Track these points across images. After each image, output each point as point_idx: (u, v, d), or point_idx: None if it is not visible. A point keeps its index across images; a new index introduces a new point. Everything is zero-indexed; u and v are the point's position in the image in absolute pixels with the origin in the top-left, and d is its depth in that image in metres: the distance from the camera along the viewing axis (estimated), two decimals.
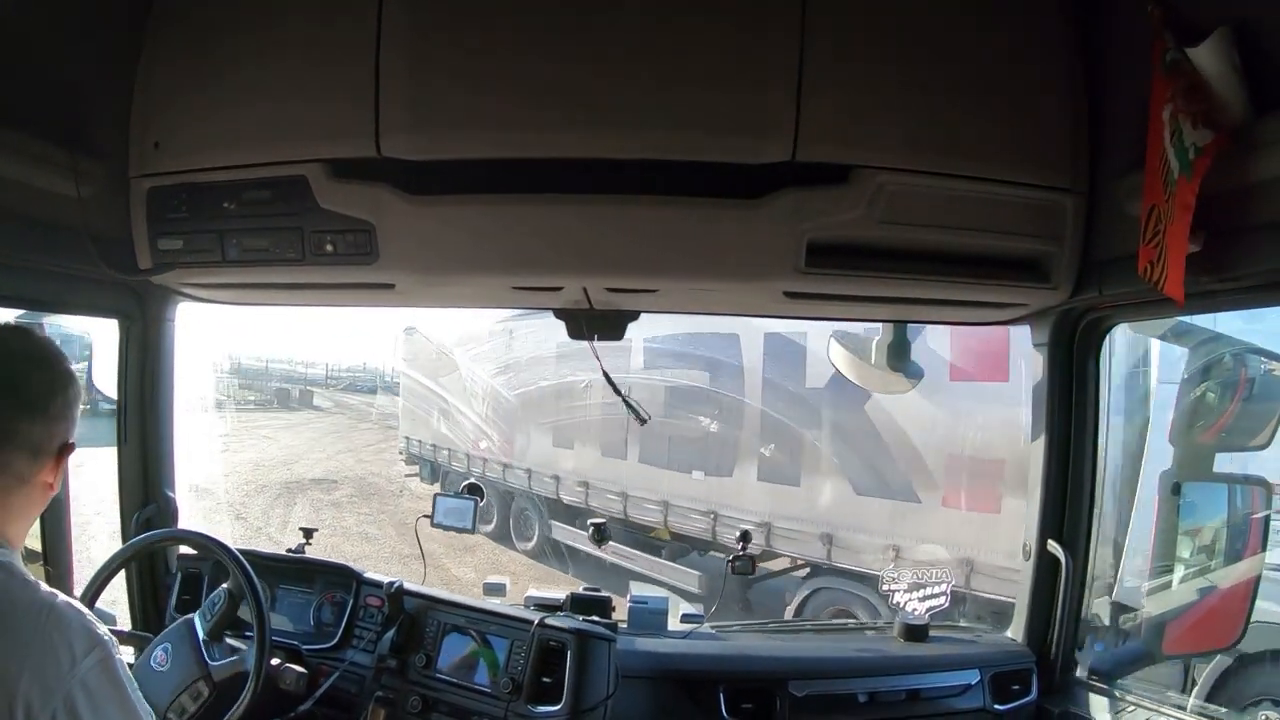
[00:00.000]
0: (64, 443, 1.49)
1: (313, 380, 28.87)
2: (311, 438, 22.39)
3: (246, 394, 24.09)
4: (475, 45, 2.00)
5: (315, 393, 27.29)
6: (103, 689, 1.35)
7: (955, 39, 2.06)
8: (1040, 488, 2.62)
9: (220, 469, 16.53)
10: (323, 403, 26.44)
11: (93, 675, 1.34)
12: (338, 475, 17.05)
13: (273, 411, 25.13)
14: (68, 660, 1.32)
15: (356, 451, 19.81)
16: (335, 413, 24.91)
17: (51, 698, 1.29)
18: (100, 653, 1.36)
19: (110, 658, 1.38)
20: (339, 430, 22.60)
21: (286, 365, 29.44)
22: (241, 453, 19.11)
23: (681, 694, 2.54)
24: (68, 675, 1.31)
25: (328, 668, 2.57)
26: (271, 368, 27.52)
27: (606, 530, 3.16)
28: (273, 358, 28.87)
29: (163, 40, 2.19)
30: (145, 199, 2.24)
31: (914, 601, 2.82)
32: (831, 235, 2.09)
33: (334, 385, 27.12)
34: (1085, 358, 2.53)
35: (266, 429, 22.61)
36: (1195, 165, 1.63)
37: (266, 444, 20.54)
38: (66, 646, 1.33)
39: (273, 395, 26.55)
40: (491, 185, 2.08)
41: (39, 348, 1.52)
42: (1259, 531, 2.75)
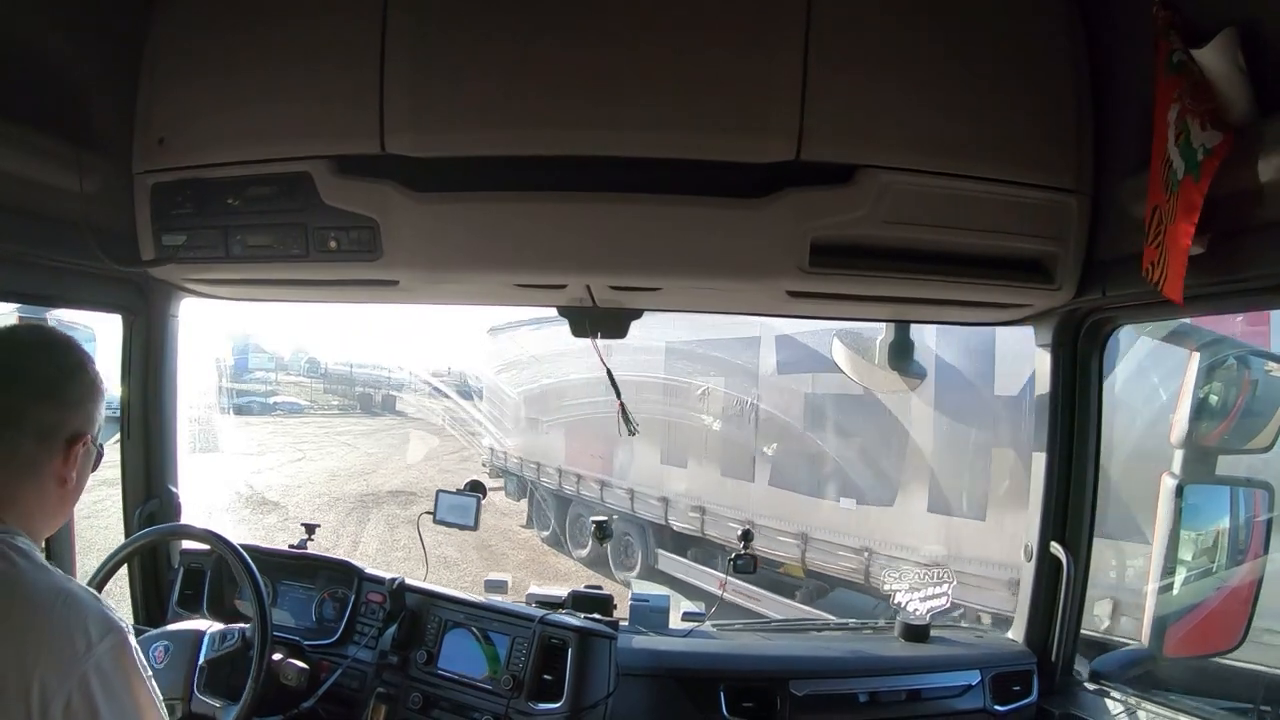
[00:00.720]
0: (75, 432, 1.49)
1: (396, 384, 28.09)
2: (392, 444, 21.79)
3: (330, 398, 23.88)
4: (480, 43, 2.00)
5: (398, 397, 26.60)
6: (117, 674, 1.36)
7: (960, 39, 2.06)
8: (1042, 489, 2.63)
9: (293, 479, 16.88)
10: (406, 407, 25.61)
11: (107, 660, 1.35)
12: (417, 487, 16.07)
13: (355, 416, 25.03)
14: (83, 645, 1.33)
15: (438, 460, 19.08)
16: (418, 418, 24.06)
17: (66, 681, 1.30)
18: (114, 638, 1.37)
19: (125, 644, 1.38)
20: (422, 436, 21.88)
21: (371, 369, 29.08)
22: (318, 460, 19.03)
23: (682, 692, 2.54)
24: (82, 659, 1.32)
25: (329, 664, 2.58)
26: (356, 372, 27.07)
27: (609, 527, 3.16)
28: (357, 362, 28.44)
29: (167, 36, 2.20)
30: (149, 194, 2.24)
31: (915, 601, 2.82)
32: (835, 235, 2.09)
33: (418, 390, 26.14)
34: (1089, 359, 2.52)
35: (348, 434, 22.28)
36: (1204, 166, 1.62)
37: (345, 451, 20.19)
38: (82, 632, 1.34)
39: (356, 400, 26.10)
40: (496, 183, 2.08)
41: (51, 338, 1.53)
42: (1261, 535, 2.74)
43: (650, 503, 10.52)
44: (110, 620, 1.38)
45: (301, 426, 23.84)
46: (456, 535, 9.17)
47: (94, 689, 1.32)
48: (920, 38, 2.04)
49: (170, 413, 2.81)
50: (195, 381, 22.77)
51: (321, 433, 22.64)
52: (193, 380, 22.61)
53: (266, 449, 20.78)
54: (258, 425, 23.24)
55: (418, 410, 24.84)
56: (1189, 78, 1.66)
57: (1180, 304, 1.72)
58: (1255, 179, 1.63)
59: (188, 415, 2.80)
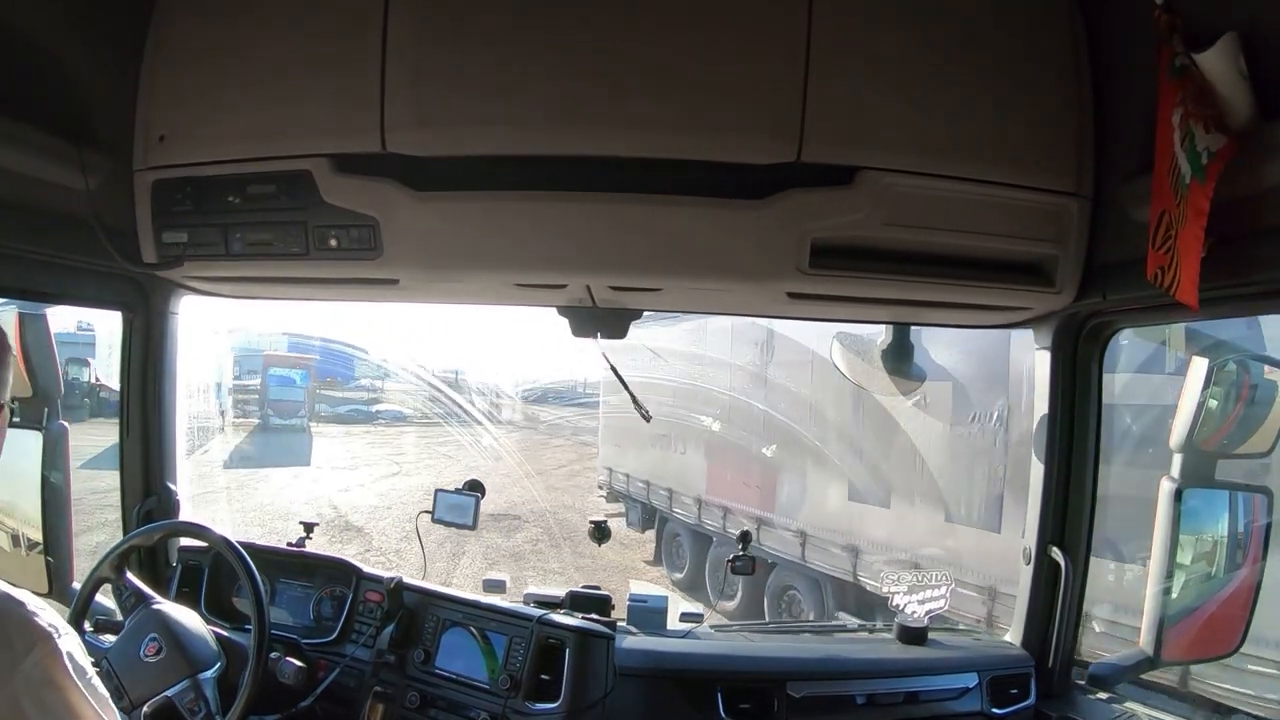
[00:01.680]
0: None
1: (503, 391, 25.76)
2: (496, 456, 19.67)
3: (434, 405, 22.12)
4: (481, 42, 2.00)
5: (504, 405, 24.49)
6: (47, 689, 1.25)
7: (961, 42, 2.06)
8: (1041, 492, 2.62)
9: (384, 498, 15.51)
10: (512, 415, 23.51)
11: (36, 674, 1.24)
12: (522, 509, 14.47)
13: (458, 425, 22.31)
14: (7, 660, 1.22)
15: (547, 475, 17.55)
16: (525, 427, 22.32)
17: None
18: (42, 648, 1.25)
19: (56, 653, 1.27)
20: (528, 447, 20.12)
21: (473, 375, 26.71)
22: (415, 475, 17.94)
23: (679, 693, 2.53)
24: (7, 676, 1.22)
25: (327, 662, 2.58)
26: (461, 379, 24.93)
27: (607, 528, 3.15)
28: (462, 369, 26.30)
29: (168, 33, 2.20)
30: (150, 192, 2.24)
31: (913, 604, 2.81)
32: (836, 236, 2.09)
33: (525, 397, 24.61)
34: (1088, 362, 2.52)
35: (449, 444, 20.59)
36: (1208, 170, 1.62)
37: (446, 464, 18.85)
38: (6, 646, 1.23)
39: (455, 409, 23.50)
40: (496, 182, 2.08)
41: None
42: (1260, 539, 2.74)
43: (832, 552, 8.27)
44: (36, 628, 1.26)
45: (402, 436, 23.02)
46: (566, 569, 9.08)
47: (25, 709, 1.21)
48: (922, 40, 2.04)
49: (169, 410, 2.81)
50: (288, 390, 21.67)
51: (422, 442, 21.32)
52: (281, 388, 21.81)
53: (361, 461, 19.99)
54: (358, 435, 22.77)
55: (525, 419, 23.29)
56: (1192, 82, 1.67)
57: (1195, 309, 1.72)
58: (1257, 184, 1.64)
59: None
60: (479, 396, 23.11)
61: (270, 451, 19.23)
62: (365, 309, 11.16)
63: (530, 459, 18.46)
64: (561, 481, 16.81)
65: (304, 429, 22.11)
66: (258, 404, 22.71)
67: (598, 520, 3.12)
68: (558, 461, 18.35)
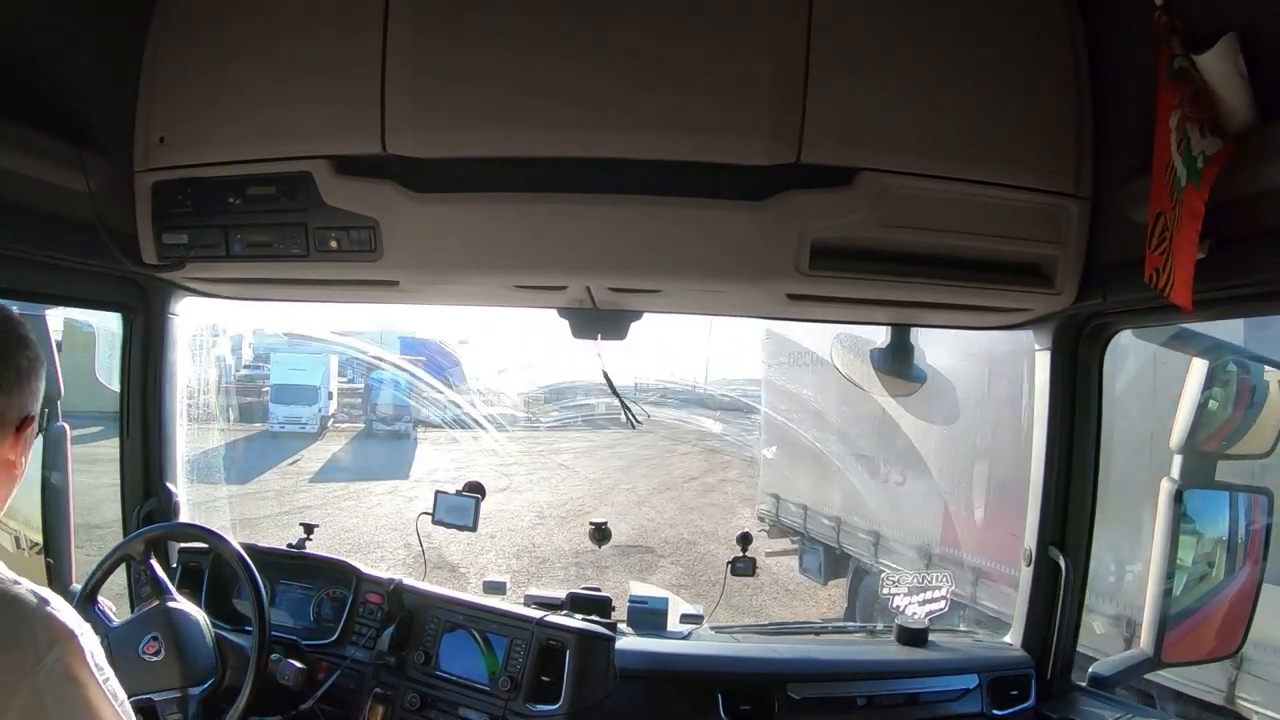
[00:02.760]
0: (23, 416, 1.39)
1: (622, 392, 24.50)
2: (619, 467, 18.49)
3: (548, 408, 21.24)
4: (482, 43, 2.00)
5: (619, 407, 23.28)
6: (69, 686, 1.26)
7: (960, 43, 2.06)
8: (1041, 493, 2.63)
9: (488, 521, 10.98)
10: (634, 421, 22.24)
11: (59, 670, 1.25)
12: (654, 539, 12.42)
13: (575, 430, 21.74)
14: (31, 657, 1.23)
15: (677, 489, 15.84)
16: (646, 431, 20.02)
17: (14, 697, 1.21)
18: (65, 646, 1.27)
19: (79, 651, 1.28)
20: (652, 455, 18.24)
21: (592, 378, 25.42)
22: (526, 491, 16.16)
23: (679, 695, 2.54)
24: (31, 672, 1.22)
25: (327, 664, 2.57)
26: (577, 382, 23.49)
27: (606, 529, 3.14)
28: (570, 368, 24.06)
29: (168, 34, 2.20)
30: (150, 193, 2.24)
31: (914, 605, 2.81)
32: (835, 237, 2.09)
33: (640, 398, 21.16)
34: (1088, 363, 2.53)
35: (566, 452, 19.46)
36: (1204, 173, 1.63)
37: (561, 477, 17.31)
38: (30, 641, 1.24)
39: (576, 412, 22.92)
40: (496, 184, 2.09)
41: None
42: (1260, 540, 2.75)
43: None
44: (59, 626, 1.27)
45: (512, 443, 20.84)
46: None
47: (46, 704, 1.22)
48: (921, 42, 2.05)
49: (169, 411, 2.81)
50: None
51: (535, 450, 19.65)
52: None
53: (467, 472, 16.61)
54: (465, 441, 20.74)
55: (646, 422, 20.28)
56: (1189, 84, 1.67)
57: (1189, 310, 1.72)
58: (1256, 185, 1.64)
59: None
60: (590, 398, 21.74)
61: (368, 461, 18.41)
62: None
63: (655, 470, 17.12)
64: (695, 499, 14.80)
65: (408, 435, 21.15)
66: (363, 408, 22.04)
67: (598, 521, 3.11)
68: (686, 472, 16.49)
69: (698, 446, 17.58)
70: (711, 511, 13.59)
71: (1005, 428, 6.95)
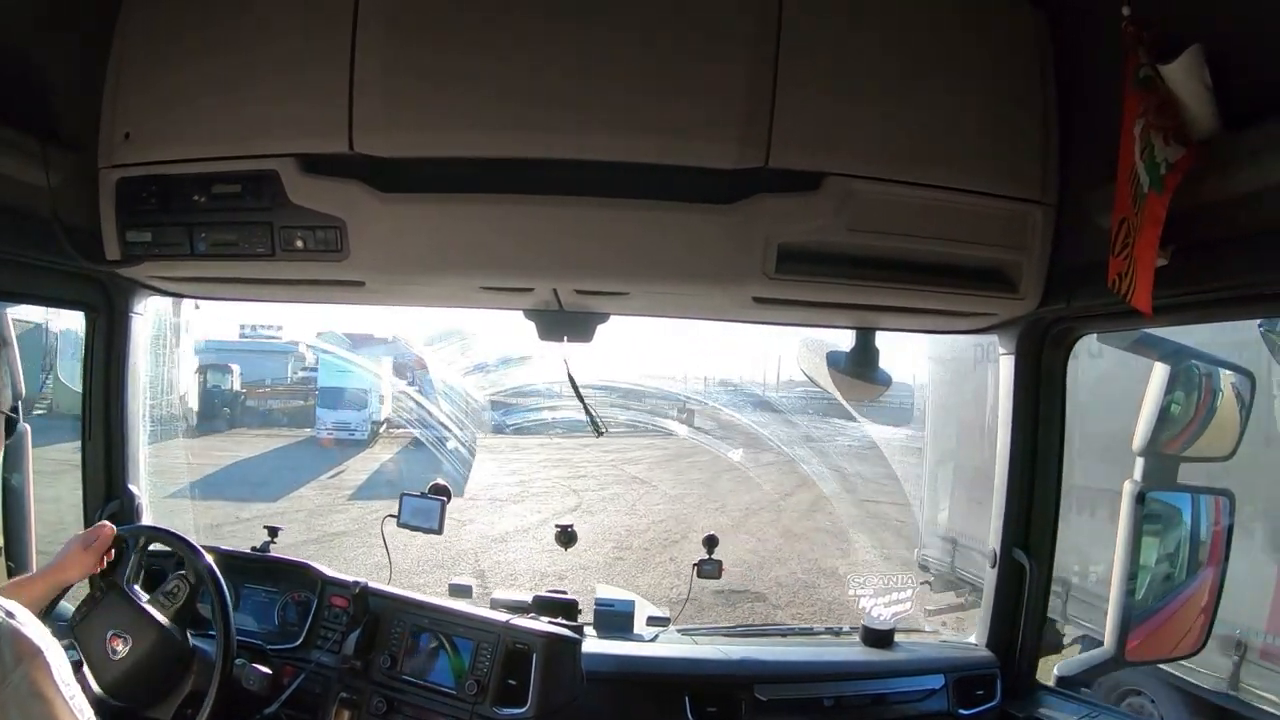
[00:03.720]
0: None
1: (692, 392, 21.31)
2: (701, 480, 16.28)
3: (618, 414, 18.85)
4: (451, 44, 1.99)
5: (695, 411, 20.48)
6: (35, 702, 1.26)
7: (929, 50, 2.08)
8: (1005, 495, 2.65)
9: (555, 556, 10.54)
10: (704, 422, 19.56)
11: (25, 686, 1.25)
12: (762, 577, 10.18)
13: (647, 437, 19.80)
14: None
15: (775, 509, 13.67)
16: (721, 436, 17.79)
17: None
18: (31, 662, 1.27)
19: (45, 667, 1.29)
20: (733, 465, 15.65)
21: (663, 380, 22.21)
22: (599, 512, 14.19)
23: (646, 697, 2.54)
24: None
25: (292, 668, 2.55)
26: (642, 386, 21.04)
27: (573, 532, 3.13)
28: (648, 372, 22.00)
29: (135, 29, 2.17)
30: (114, 190, 2.21)
31: (879, 606, 2.83)
32: (802, 241, 2.10)
33: (713, 400, 20.14)
34: (1052, 367, 2.56)
35: (641, 460, 17.72)
36: (1166, 180, 1.65)
37: (638, 493, 15.15)
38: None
39: (648, 413, 20.64)
40: (463, 184, 2.07)
41: None
42: (1222, 540, 2.78)
43: None
44: (25, 642, 1.28)
45: (581, 450, 19.43)
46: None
47: (12, 718, 1.22)
48: (890, 48, 2.06)
49: (132, 412, 2.77)
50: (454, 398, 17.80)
51: (606, 458, 18.02)
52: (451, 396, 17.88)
53: (529, 486, 16.19)
54: (530, 448, 19.59)
55: (718, 426, 17.98)
56: (1154, 93, 1.69)
57: (1149, 315, 1.75)
58: (1219, 193, 1.67)
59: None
60: (661, 400, 19.77)
61: (419, 473, 14.94)
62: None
63: (743, 484, 14.73)
64: (798, 522, 12.72)
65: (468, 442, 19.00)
66: (416, 411, 19.60)
67: (564, 524, 3.09)
68: (778, 487, 14.19)
69: (780, 458, 14.89)
70: (821, 540, 11.40)
71: None
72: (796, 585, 10.57)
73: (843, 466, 13.52)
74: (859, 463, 13.26)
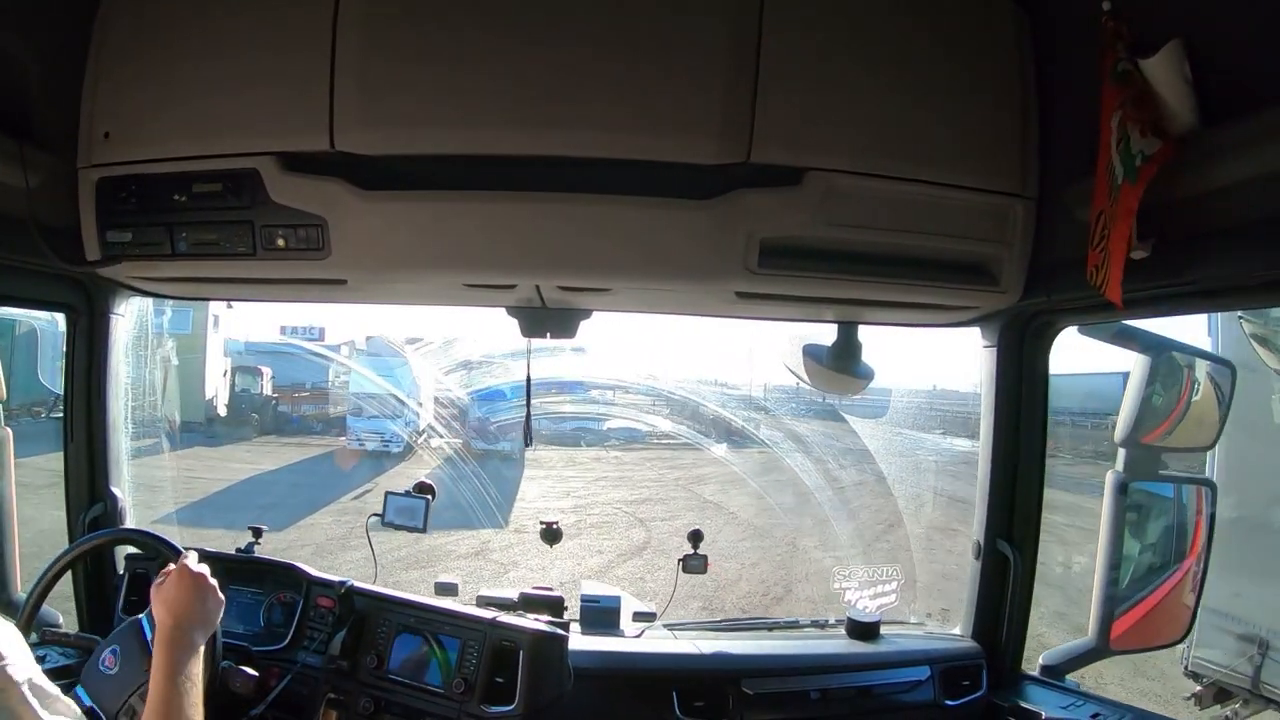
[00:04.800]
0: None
1: (743, 399, 18.23)
2: (787, 506, 13.26)
3: (677, 425, 16.74)
4: (430, 41, 1.99)
5: (759, 419, 16.97)
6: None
7: (909, 45, 2.09)
8: (988, 487, 2.67)
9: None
10: (770, 432, 15.82)
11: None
12: None
13: (711, 448, 17.38)
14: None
15: (870, 551, 10.74)
16: (790, 448, 14.03)
17: None
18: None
19: (5, 681, 1.26)
20: (817, 482, 12.26)
21: (717, 386, 19.56)
22: (673, 552, 7.72)
23: (634, 693, 2.55)
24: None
25: (278, 669, 2.54)
26: (702, 389, 18.37)
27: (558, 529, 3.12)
28: (702, 377, 19.84)
29: (114, 28, 2.15)
30: (94, 190, 2.20)
31: (865, 599, 2.85)
32: (784, 236, 2.11)
33: (771, 407, 17.21)
34: (1034, 359, 2.58)
35: (710, 482, 15.14)
36: (1141, 171, 1.67)
37: (716, 522, 12.79)
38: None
39: (708, 426, 18.10)
40: (444, 182, 2.07)
41: None
42: (1204, 530, 2.81)
43: None
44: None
45: (641, 467, 16.98)
46: None
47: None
48: (871, 43, 2.07)
49: (114, 414, 2.76)
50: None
51: (670, 476, 15.77)
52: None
53: (586, 512, 13.67)
54: (584, 462, 17.43)
55: (786, 437, 14.53)
56: (1132, 86, 1.71)
57: (1120, 306, 1.77)
58: (1197, 187, 1.69)
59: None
60: (726, 408, 17.10)
61: (457, 493, 12.75)
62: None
63: (840, 510, 11.99)
64: (936, 559, 9.66)
65: (514, 456, 17.01)
66: (460, 423, 17.53)
67: (549, 521, 3.07)
68: (879, 514, 11.51)
69: (863, 473, 12.09)
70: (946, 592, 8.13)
71: None
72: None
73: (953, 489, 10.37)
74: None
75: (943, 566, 8.82)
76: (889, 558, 10.28)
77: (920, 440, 11.65)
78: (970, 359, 2.74)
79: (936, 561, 9.21)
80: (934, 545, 9.91)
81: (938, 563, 9.16)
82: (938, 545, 9.94)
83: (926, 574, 8.26)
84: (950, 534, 9.80)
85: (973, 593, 2.77)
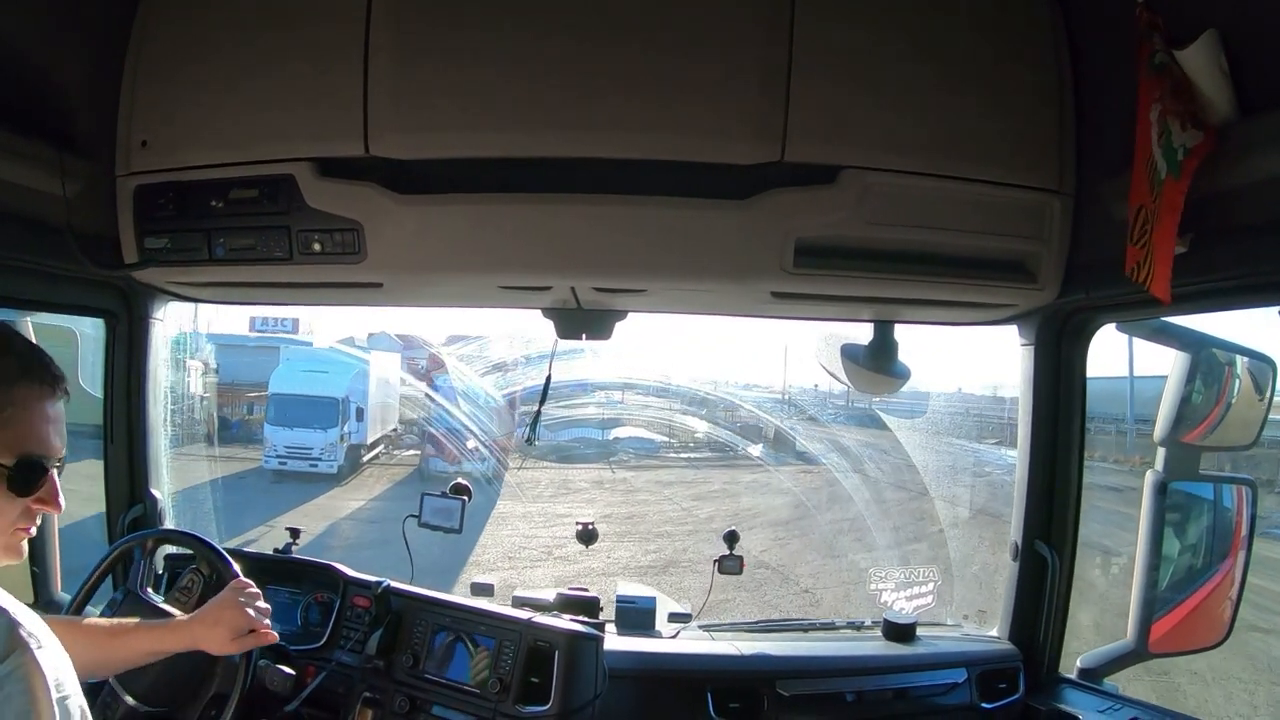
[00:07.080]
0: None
1: (793, 397, 17.15)
2: (852, 537, 11.24)
3: (694, 431, 14.95)
4: (464, 45, 2.01)
5: (797, 430, 15.87)
6: (15, 699, 1.23)
7: (943, 41, 2.08)
8: (1026, 488, 2.64)
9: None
10: (808, 445, 14.97)
11: (8, 683, 1.23)
12: None
13: (739, 465, 15.47)
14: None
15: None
16: (837, 463, 13.26)
17: None
18: (17, 659, 1.24)
19: (30, 663, 1.25)
20: (881, 504, 10.94)
21: (738, 389, 18.24)
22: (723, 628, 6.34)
23: (669, 694, 2.54)
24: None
25: (315, 668, 2.56)
26: (719, 390, 17.03)
27: (594, 530, 3.13)
28: (718, 379, 17.94)
29: (151, 38, 2.19)
30: (132, 197, 2.24)
31: (901, 600, 2.82)
32: (819, 235, 2.10)
33: (799, 412, 16.05)
34: (1071, 358, 2.54)
35: (758, 523, 12.85)
36: (1184, 166, 1.65)
37: (777, 592, 10.72)
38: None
39: (739, 433, 16.49)
40: (479, 184, 2.09)
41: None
42: (1245, 530, 2.77)
43: None
44: (15, 636, 1.26)
45: (659, 495, 14.64)
46: None
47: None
48: (903, 40, 2.06)
49: (153, 417, 2.80)
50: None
51: (691, 499, 13.68)
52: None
53: (581, 568, 11.00)
54: (582, 487, 14.87)
55: (829, 449, 13.32)
56: (1170, 78, 1.69)
57: (1167, 302, 1.74)
58: (1237, 179, 1.66)
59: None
60: (756, 414, 14.73)
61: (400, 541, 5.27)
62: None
63: (935, 546, 10.35)
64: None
65: (492, 477, 14.22)
66: (418, 435, 14.79)
67: (584, 522, 3.08)
68: (961, 546, 9.67)
69: (930, 493, 10.52)
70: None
71: None
72: None
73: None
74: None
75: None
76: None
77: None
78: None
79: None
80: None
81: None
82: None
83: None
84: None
85: (1010, 594, 2.74)
